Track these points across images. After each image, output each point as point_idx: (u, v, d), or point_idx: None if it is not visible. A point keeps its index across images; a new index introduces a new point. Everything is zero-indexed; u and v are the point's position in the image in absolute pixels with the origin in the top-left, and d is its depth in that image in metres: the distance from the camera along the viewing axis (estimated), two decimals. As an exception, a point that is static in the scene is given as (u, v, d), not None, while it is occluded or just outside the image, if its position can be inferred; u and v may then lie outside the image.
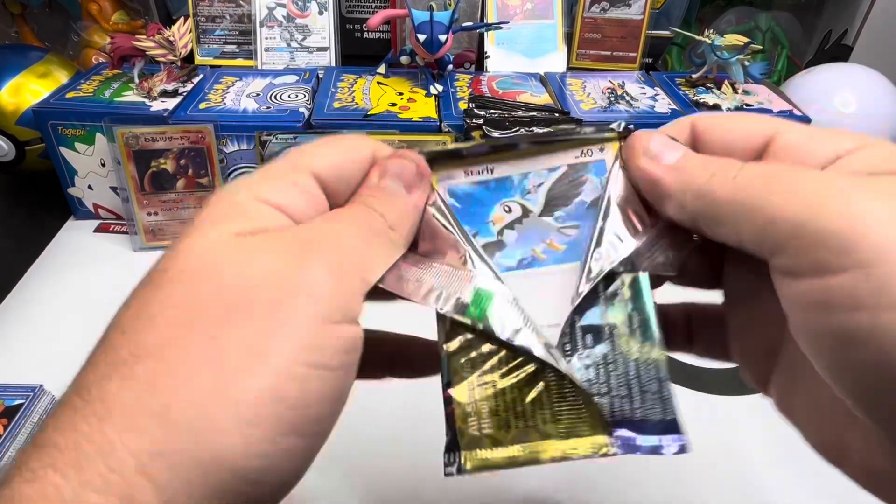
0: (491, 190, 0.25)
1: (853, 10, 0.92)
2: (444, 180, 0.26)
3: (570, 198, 0.25)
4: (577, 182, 0.25)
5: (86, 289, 0.59)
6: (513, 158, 0.25)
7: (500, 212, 0.25)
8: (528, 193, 0.25)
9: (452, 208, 0.25)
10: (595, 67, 0.81)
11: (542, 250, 0.24)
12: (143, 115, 0.62)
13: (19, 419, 0.43)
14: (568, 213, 0.24)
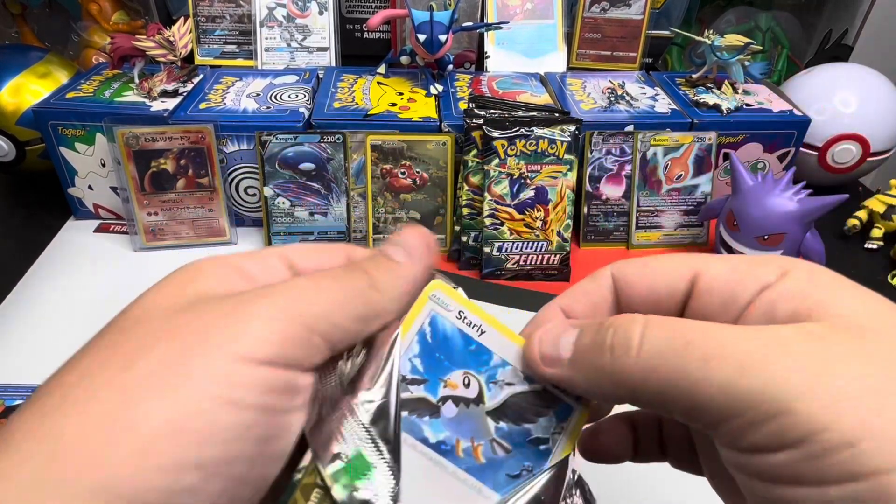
0: (469, 352, 0.22)
1: (853, 10, 0.92)
2: (437, 300, 0.23)
3: (522, 419, 0.22)
4: (539, 409, 0.23)
5: (86, 289, 0.59)
6: (508, 338, 0.23)
7: (458, 379, 0.22)
8: (493, 382, 0.22)
9: (425, 335, 0.22)
10: (595, 67, 0.81)
11: (464, 449, 0.22)
12: (143, 115, 0.62)
13: (19, 419, 0.43)
14: (511, 431, 0.22)
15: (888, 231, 0.70)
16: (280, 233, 0.64)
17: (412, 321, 0.22)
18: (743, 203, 0.58)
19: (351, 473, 0.20)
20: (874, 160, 0.74)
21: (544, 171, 0.60)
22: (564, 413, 0.23)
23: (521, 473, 0.22)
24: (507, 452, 0.22)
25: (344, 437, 0.20)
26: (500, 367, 0.23)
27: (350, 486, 0.19)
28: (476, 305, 0.23)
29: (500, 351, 0.23)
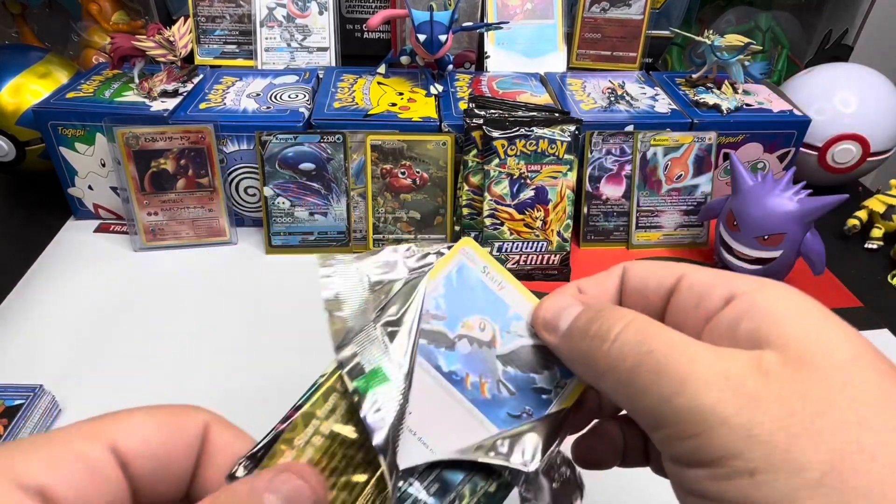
0: (488, 301, 0.25)
1: (853, 10, 0.92)
2: (466, 254, 0.25)
3: (529, 368, 0.25)
4: (546, 363, 0.25)
5: (86, 289, 0.59)
6: (524, 296, 0.25)
7: (475, 323, 0.25)
8: (506, 332, 0.25)
9: (451, 280, 0.25)
10: (595, 67, 0.81)
11: (472, 383, 0.24)
12: (143, 115, 0.62)
13: (19, 419, 0.43)
14: (516, 376, 0.24)
15: (888, 231, 0.70)
16: (280, 233, 0.64)
17: (441, 268, 0.25)
18: (743, 203, 0.58)
19: (369, 383, 0.22)
20: (874, 160, 0.74)
21: (544, 171, 0.60)
22: (568, 372, 0.25)
23: (521, 415, 0.24)
24: (510, 394, 0.24)
25: (367, 354, 0.23)
26: (514, 319, 0.25)
27: (366, 394, 0.22)
28: (499, 264, 0.26)
29: (515, 306, 0.25)
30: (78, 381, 0.49)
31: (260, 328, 0.55)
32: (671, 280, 0.23)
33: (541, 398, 0.24)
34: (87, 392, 0.49)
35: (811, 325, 0.19)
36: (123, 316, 0.56)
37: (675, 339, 0.20)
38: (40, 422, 0.44)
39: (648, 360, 0.19)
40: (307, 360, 0.53)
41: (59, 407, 0.47)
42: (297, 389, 0.56)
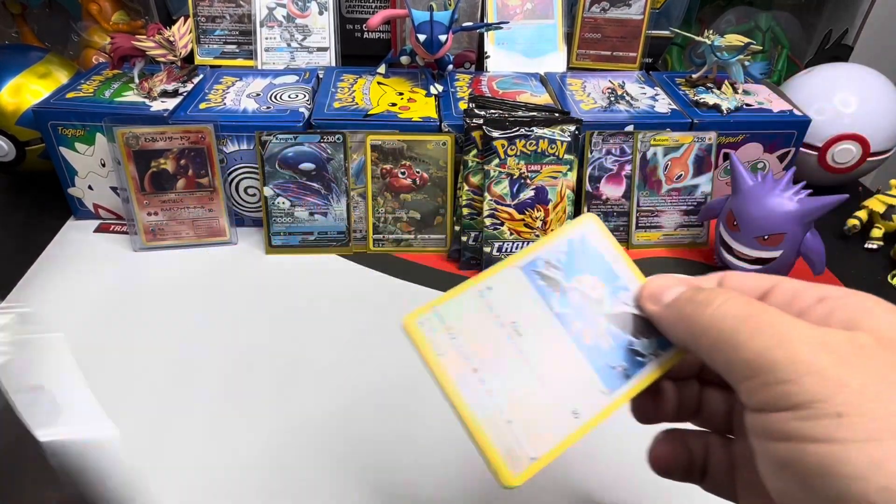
0: (603, 268, 0.29)
1: (853, 10, 0.92)
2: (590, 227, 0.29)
3: (629, 330, 0.27)
4: (645, 331, 0.27)
5: (86, 289, 0.59)
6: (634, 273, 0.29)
7: (589, 282, 0.28)
8: (614, 297, 0.28)
9: (573, 243, 0.29)
10: (595, 67, 0.81)
11: (577, 328, 0.27)
12: (144, 115, 0.62)
13: (19, 419, 0.43)
14: (617, 335, 0.27)
15: (888, 231, 0.70)
16: (280, 233, 0.65)
17: (567, 231, 0.29)
18: (743, 203, 0.58)
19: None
20: (874, 160, 0.74)
21: (544, 171, 0.60)
22: (664, 344, 0.27)
23: (616, 367, 0.27)
24: (609, 347, 0.27)
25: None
26: (621, 289, 0.28)
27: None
28: (617, 242, 0.29)
29: (624, 278, 0.28)
30: (78, 381, 0.49)
31: (260, 328, 0.55)
32: (767, 284, 0.25)
33: (636, 359, 0.27)
34: (87, 392, 0.48)
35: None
36: (123, 316, 0.56)
37: (776, 311, 0.22)
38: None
39: (749, 321, 0.22)
40: (307, 359, 0.53)
41: (59, 407, 0.47)
42: (296, 388, 0.56)
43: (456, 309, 0.27)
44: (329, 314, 0.57)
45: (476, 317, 0.27)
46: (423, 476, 0.43)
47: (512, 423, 0.25)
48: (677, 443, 0.29)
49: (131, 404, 0.48)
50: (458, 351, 0.26)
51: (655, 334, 0.27)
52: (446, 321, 0.27)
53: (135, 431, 0.46)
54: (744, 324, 0.22)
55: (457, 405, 0.25)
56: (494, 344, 0.27)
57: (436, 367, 0.26)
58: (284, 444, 0.45)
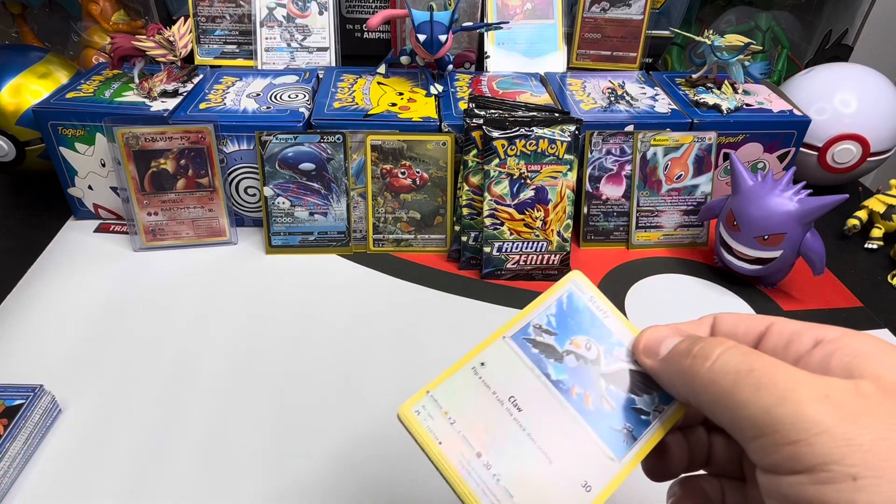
0: (594, 326, 0.28)
1: (853, 10, 0.92)
2: (575, 283, 0.29)
3: (630, 390, 0.27)
4: (645, 388, 0.27)
5: (86, 289, 0.59)
6: (626, 326, 0.28)
7: (583, 342, 0.27)
8: (609, 355, 0.27)
9: (562, 303, 0.28)
10: (595, 67, 0.81)
11: (577, 393, 0.26)
12: (144, 115, 0.62)
13: (19, 419, 0.43)
14: (618, 394, 0.27)
15: (888, 231, 0.70)
16: (280, 233, 0.64)
17: (553, 292, 0.28)
18: (743, 203, 0.58)
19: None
20: (874, 160, 0.74)
21: (544, 171, 0.60)
22: (666, 399, 0.26)
23: (622, 430, 0.26)
24: (611, 409, 0.26)
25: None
26: (616, 345, 0.27)
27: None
28: (604, 296, 0.28)
29: (618, 334, 0.28)
30: (78, 381, 0.49)
31: (260, 328, 0.55)
32: (762, 327, 0.25)
33: (640, 418, 0.26)
34: (87, 392, 0.49)
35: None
36: (123, 316, 0.56)
37: (775, 362, 0.21)
38: (40, 422, 0.44)
39: (750, 377, 0.21)
40: (306, 359, 0.53)
41: (59, 407, 0.47)
42: (295, 388, 0.56)
43: (451, 390, 0.26)
44: (329, 314, 0.57)
45: (473, 396, 0.26)
46: (424, 475, 0.43)
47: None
48: (695, 494, 0.28)
49: (131, 403, 0.48)
50: (459, 436, 0.25)
51: (656, 388, 0.27)
52: (443, 405, 0.26)
53: (135, 431, 0.46)
54: (745, 379, 0.21)
55: (462, 495, 0.25)
56: (495, 423, 0.26)
57: (437, 457, 0.25)
58: (284, 444, 0.45)
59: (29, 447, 0.43)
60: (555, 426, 0.26)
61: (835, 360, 0.21)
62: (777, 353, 0.24)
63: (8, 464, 0.41)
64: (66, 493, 0.42)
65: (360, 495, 0.42)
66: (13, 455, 0.42)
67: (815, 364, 0.22)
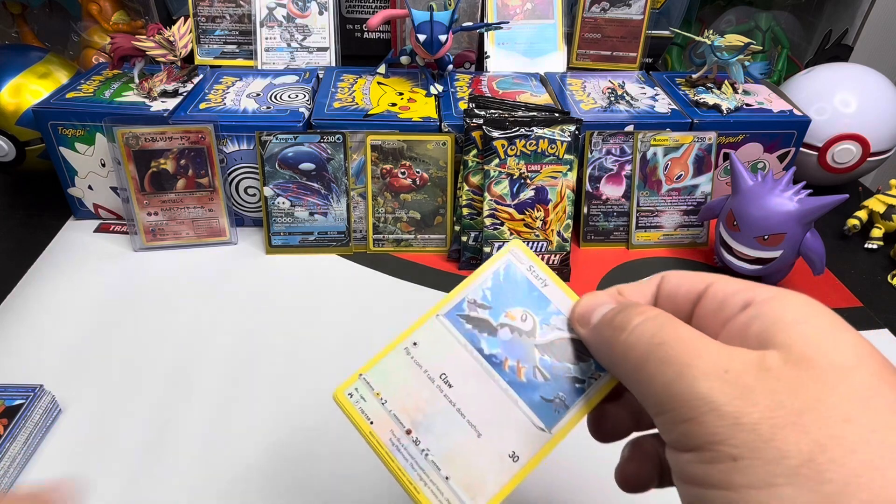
0: (531, 296, 0.28)
1: (853, 10, 0.92)
2: (514, 254, 0.28)
3: (564, 357, 0.27)
4: (581, 356, 0.27)
5: (86, 289, 0.59)
6: (565, 293, 0.28)
7: (518, 314, 0.27)
8: (545, 325, 0.27)
9: (498, 275, 0.28)
10: (595, 67, 0.81)
11: (510, 366, 0.27)
12: (144, 115, 0.62)
13: (19, 419, 0.43)
14: (552, 364, 0.27)
15: (888, 231, 0.70)
16: (280, 233, 0.64)
17: (490, 265, 0.28)
18: (743, 203, 0.58)
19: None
20: (874, 160, 0.74)
21: (544, 171, 0.60)
22: (601, 367, 0.27)
23: (554, 399, 0.26)
24: (545, 379, 0.26)
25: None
26: (554, 314, 0.27)
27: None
28: (545, 265, 0.28)
29: (556, 302, 0.27)
30: (78, 381, 0.49)
31: (259, 328, 0.55)
32: (700, 287, 0.24)
33: (574, 386, 0.26)
34: (87, 392, 0.49)
35: (818, 330, 0.20)
36: (123, 316, 0.56)
37: (686, 334, 0.21)
38: (40, 422, 0.44)
39: (658, 350, 0.21)
40: (306, 358, 0.53)
41: (59, 407, 0.47)
42: (294, 388, 0.56)
43: (383, 372, 0.27)
44: (329, 314, 0.57)
45: (404, 376, 0.27)
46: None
47: (450, 479, 0.25)
48: (644, 456, 0.28)
49: (131, 403, 0.48)
50: (390, 415, 0.26)
51: (592, 356, 0.27)
52: (375, 387, 0.27)
53: (135, 431, 0.46)
54: (654, 352, 0.21)
55: (393, 472, 0.25)
56: (425, 401, 0.26)
57: (369, 436, 0.26)
58: (284, 443, 0.45)
59: (29, 447, 0.43)
60: (485, 400, 0.26)
61: (754, 326, 0.21)
62: (709, 316, 0.23)
63: (8, 464, 0.41)
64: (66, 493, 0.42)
65: (366, 493, 0.42)
66: (13, 455, 0.42)
67: (737, 330, 0.22)
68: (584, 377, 0.26)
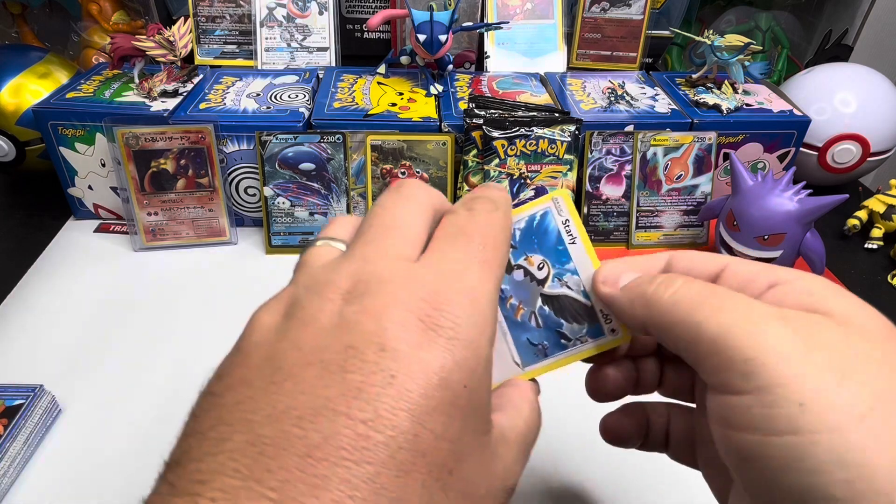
0: (556, 249, 0.28)
1: (853, 10, 0.92)
2: (556, 203, 0.28)
3: (562, 314, 0.28)
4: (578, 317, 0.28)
5: (86, 289, 0.59)
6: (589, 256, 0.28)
7: (537, 261, 0.28)
8: (558, 278, 0.28)
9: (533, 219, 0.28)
10: (595, 67, 0.81)
11: (511, 304, 0.28)
12: (144, 115, 0.62)
13: (19, 419, 0.43)
14: (549, 315, 0.28)
15: (888, 231, 0.70)
16: (280, 233, 0.64)
17: (531, 207, 0.28)
18: (743, 203, 0.58)
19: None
20: (874, 160, 0.74)
21: (544, 171, 0.60)
22: (595, 332, 0.28)
23: (538, 345, 0.28)
24: (537, 326, 0.28)
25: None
26: (570, 272, 0.28)
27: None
28: (581, 223, 0.28)
29: (577, 261, 0.28)
30: (78, 381, 0.49)
31: (260, 328, 0.55)
32: (714, 268, 0.25)
33: (560, 342, 0.28)
34: (87, 392, 0.49)
35: (850, 302, 0.21)
36: (123, 316, 0.56)
37: (729, 291, 0.22)
38: (40, 422, 0.44)
39: (711, 298, 0.21)
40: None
41: (59, 407, 0.47)
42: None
43: None
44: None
45: None
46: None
47: None
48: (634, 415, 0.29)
49: (131, 404, 0.48)
50: None
51: (588, 322, 0.28)
52: None
53: (135, 431, 0.46)
54: (706, 300, 0.21)
55: None
56: None
57: None
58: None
59: (29, 447, 0.43)
60: None
61: (789, 299, 0.21)
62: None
63: (8, 464, 0.41)
64: (66, 493, 0.42)
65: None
66: (13, 455, 0.42)
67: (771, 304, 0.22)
68: (571, 337, 0.28)
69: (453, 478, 0.18)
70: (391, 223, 0.22)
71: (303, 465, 0.16)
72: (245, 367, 0.20)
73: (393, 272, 0.20)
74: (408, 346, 0.18)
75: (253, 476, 0.16)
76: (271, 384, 0.18)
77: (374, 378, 0.17)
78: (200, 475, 0.17)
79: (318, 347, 0.18)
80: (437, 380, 0.18)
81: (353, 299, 0.19)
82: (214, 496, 0.16)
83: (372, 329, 0.18)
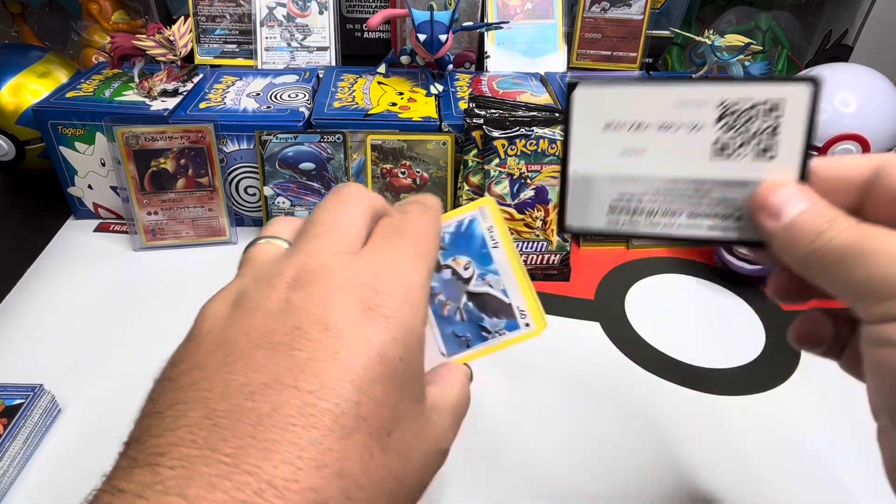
0: (481, 251, 0.31)
1: (853, 10, 0.92)
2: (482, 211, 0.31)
3: (484, 310, 0.30)
4: (498, 313, 0.30)
5: (86, 289, 0.59)
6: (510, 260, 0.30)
7: (463, 262, 0.31)
8: (481, 278, 0.31)
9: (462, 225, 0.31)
10: (595, 67, 0.81)
11: (439, 300, 0.30)
12: (143, 115, 0.62)
13: (19, 419, 0.43)
14: (472, 311, 0.30)
15: (888, 231, 0.70)
16: (280, 232, 0.64)
17: (460, 213, 0.31)
18: (743, 203, 0.58)
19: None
20: (874, 160, 0.74)
21: (545, 170, 0.60)
22: (511, 326, 0.31)
23: (462, 337, 0.31)
24: (462, 320, 0.31)
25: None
26: (492, 273, 0.31)
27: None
28: (505, 229, 0.31)
29: (499, 264, 0.31)
30: (78, 380, 0.49)
31: (260, 328, 0.55)
32: (867, 170, 0.25)
33: (481, 334, 0.31)
34: (87, 392, 0.48)
35: None
36: (123, 315, 0.56)
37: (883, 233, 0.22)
38: (40, 421, 0.44)
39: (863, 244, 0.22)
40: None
41: (59, 407, 0.47)
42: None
43: None
44: (329, 314, 0.57)
45: None
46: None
47: None
48: (821, 324, 0.29)
49: (131, 404, 0.48)
50: None
51: (507, 317, 0.30)
52: None
53: (135, 431, 0.46)
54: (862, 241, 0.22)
55: None
56: None
57: None
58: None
59: (29, 447, 0.43)
60: None
61: None
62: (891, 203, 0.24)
63: (8, 464, 0.41)
64: (66, 492, 0.42)
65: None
66: (13, 455, 0.42)
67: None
68: (491, 330, 0.30)
69: (391, 439, 0.20)
70: (332, 223, 0.24)
71: (255, 433, 0.18)
72: (198, 353, 0.22)
73: (335, 263, 0.22)
74: (349, 325, 0.20)
75: (209, 445, 0.18)
76: (224, 366, 0.20)
77: (319, 354, 0.20)
78: (159, 448, 0.18)
79: (267, 331, 0.21)
80: (375, 354, 0.20)
81: (298, 287, 0.22)
82: (173, 465, 0.17)
83: (316, 311, 0.21)
